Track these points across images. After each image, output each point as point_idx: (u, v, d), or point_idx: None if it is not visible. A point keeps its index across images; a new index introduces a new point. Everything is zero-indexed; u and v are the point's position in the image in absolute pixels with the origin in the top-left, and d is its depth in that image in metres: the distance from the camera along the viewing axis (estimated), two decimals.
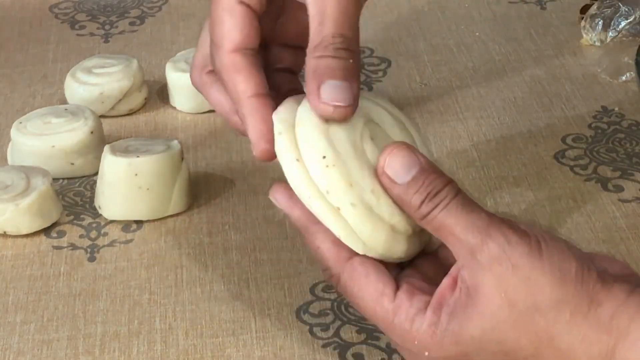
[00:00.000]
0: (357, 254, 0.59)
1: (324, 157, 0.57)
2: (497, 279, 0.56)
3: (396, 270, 0.61)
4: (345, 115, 0.58)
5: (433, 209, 0.57)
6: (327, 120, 0.58)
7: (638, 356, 0.55)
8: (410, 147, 0.58)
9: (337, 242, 0.60)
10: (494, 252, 0.56)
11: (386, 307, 0.59)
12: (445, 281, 0.58)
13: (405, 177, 0.58)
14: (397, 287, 0.59)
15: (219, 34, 0.62)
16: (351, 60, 0.59)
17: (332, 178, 0.57)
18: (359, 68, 0.60)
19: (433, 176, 0.58)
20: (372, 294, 0.59)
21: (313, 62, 0.59)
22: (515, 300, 0.56)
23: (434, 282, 0.59)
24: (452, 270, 0.58)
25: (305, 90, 0.59)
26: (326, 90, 0.58)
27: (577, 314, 0.56)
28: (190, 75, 0.67)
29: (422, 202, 0.57)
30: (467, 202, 0.58)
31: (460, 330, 0.57)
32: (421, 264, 0.62)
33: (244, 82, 0.61)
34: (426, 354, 0.58)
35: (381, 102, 0.62)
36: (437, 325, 0.58)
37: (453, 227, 0.57)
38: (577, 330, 0.56)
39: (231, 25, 0.61)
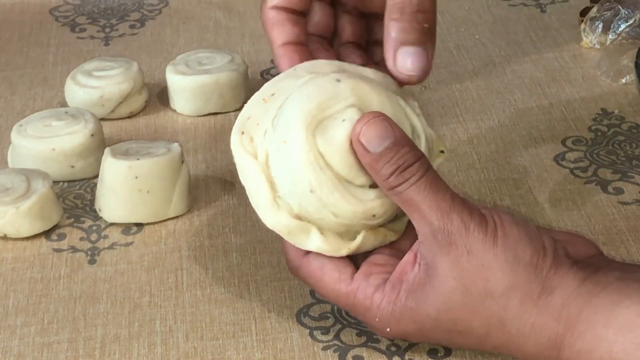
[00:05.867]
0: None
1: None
2: (452, 263, 0.59)
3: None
4: (419, 81, 0.63)
5: (403, 182, 0.59)
6: (404, 84, 0.63)
7: (585, 346, 0.56)
8: (386, 119, 0.60)
9: None
10: (452, 237, 0.59)
11: (344, 291, 0.62)
12: (407, 256, 0.62)
13: (378, 147, 0.60)
14: (356, 269, 0.62)
15: None
16: (426, 25, 0.62)
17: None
18: (434, 31, 0.63)
19: (405, 149, 0.60)
20: (329, 283, 0.62)
21: (390, 26, 0.62)
22: (468, 285, 0.59)
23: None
24: (414, 246, 0.61)
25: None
26: (401, 57, 0.62)
27: (527, 300, 0.58)
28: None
29: (392, 173, 0.59)
30: (435, 180, 0.60)
31: (417, 308, 0.60)
32: (400, 238, 0.64)
33: (276, 35, 0.66)
34: (388, 329, 0.62)
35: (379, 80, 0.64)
36: (395, 302, 0.60)
37: (419, 204, 0.59)
38: (527, 316, 0.58)
39: None
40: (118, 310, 0.70)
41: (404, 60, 0.62)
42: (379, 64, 0.67)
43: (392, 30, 0.62)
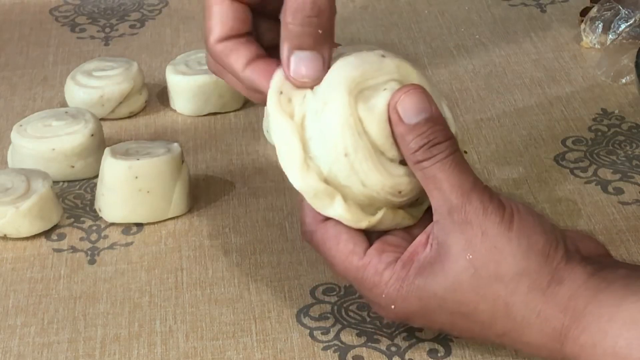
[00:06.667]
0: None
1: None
2: (465, 242, 0.59)
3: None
4: (311, 85, 0.61)
5: (429, 158, 0.60)
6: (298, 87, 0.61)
7: (590, 340, 0.57)
8: (425, 93, 0.61)
9: None
10: (469, 217, 0.59)
11: (355, 264, 0.62)
12: (420, 237, 0.62)
13: (413, 118, 0.60)
14: (369, 245, 0.62)
15: (207, 26, 0.64)
16: (320, 30, 0.60)
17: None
18: (331, 35, 0.61)
19: (438, 127, 0.60)
20: (342, 253, 0.62)
21: (284, 30, 0.61)
22: (478, 266, 0.59)
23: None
24: (427, 228, 0.61)
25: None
26: (294, 60, 0.61)
27: (535, 288, 0.58)
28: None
29: (421, 147, 0.60)
30: (461, 161, 0.60)
31: (424, 285, 0.60)
32: (415, 225, 0.64)
33: (235, 62, 0.63)
34: (392, 307, 0.61)
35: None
36: (404, 280, 0.60)
37: (442, 182, 0.60)
38: (533, 304, 0.58)
39: (217, 18, 0.64)
40: (118, 311, 0.70)
41: (297, 65, 0.61)
42: None
43: (285, 34, 0.61)
